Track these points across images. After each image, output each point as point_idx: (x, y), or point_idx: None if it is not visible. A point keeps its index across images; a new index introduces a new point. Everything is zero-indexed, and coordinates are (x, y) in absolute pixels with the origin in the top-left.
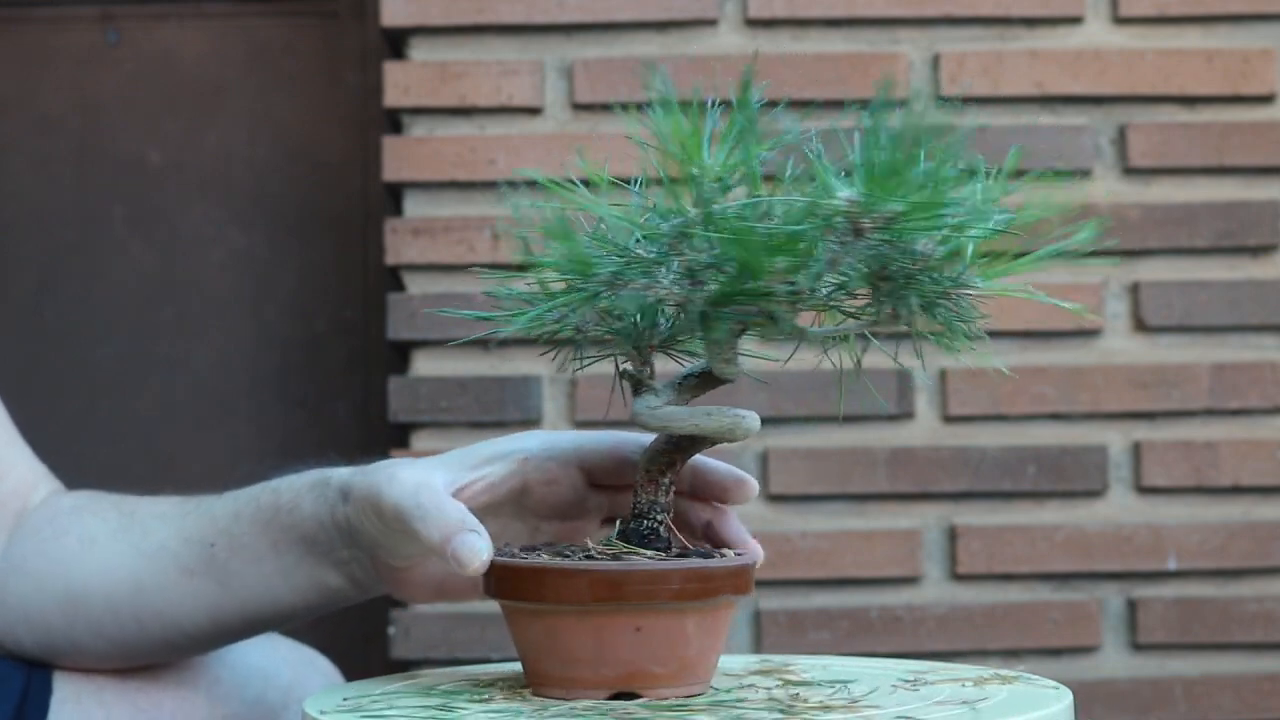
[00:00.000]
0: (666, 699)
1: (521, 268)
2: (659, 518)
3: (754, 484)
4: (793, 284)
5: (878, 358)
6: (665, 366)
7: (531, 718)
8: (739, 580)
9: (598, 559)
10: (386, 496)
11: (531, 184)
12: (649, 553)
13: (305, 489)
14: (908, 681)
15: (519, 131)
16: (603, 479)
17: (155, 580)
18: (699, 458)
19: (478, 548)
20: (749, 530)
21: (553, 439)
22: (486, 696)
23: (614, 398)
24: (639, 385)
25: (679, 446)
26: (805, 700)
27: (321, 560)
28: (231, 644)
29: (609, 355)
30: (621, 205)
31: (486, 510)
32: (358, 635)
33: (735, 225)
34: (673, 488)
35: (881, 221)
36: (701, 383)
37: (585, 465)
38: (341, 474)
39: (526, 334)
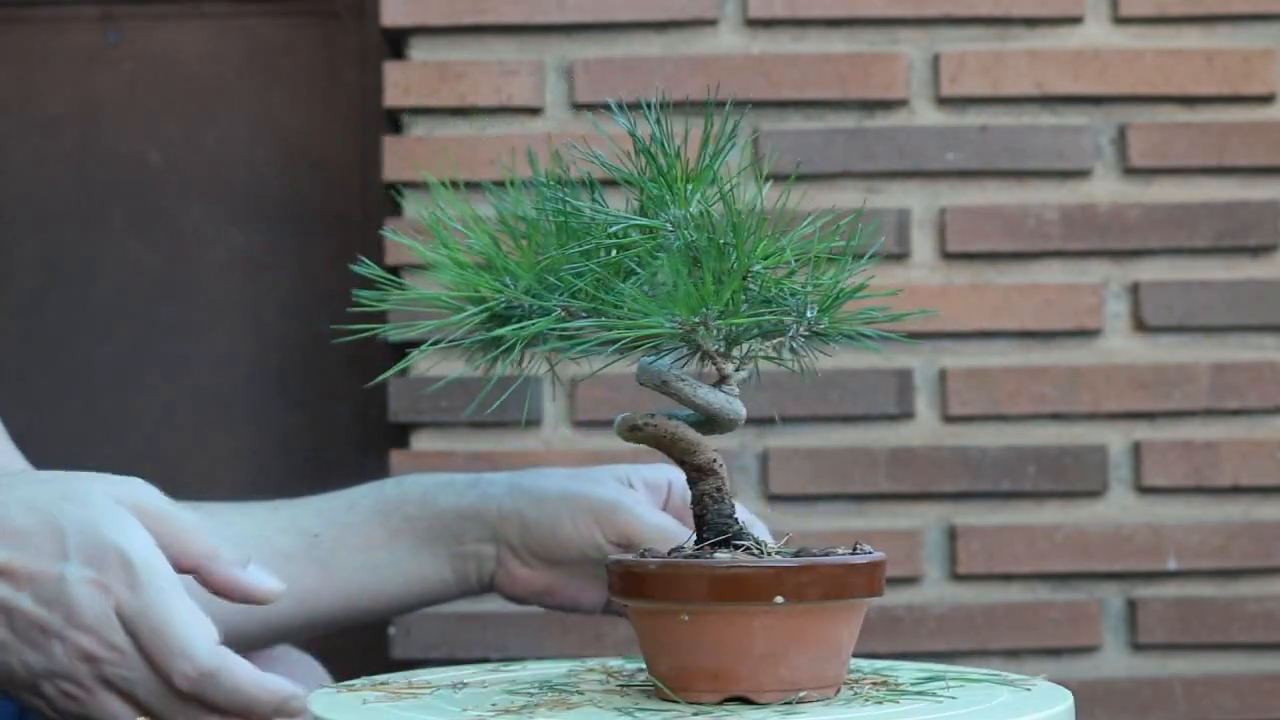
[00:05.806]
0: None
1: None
2: (733, 524)
3: None
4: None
5: (877, 358)
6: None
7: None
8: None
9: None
10: (630, 524)
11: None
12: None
13: (438, 485)
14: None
15: (519, 132)
16: None
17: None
18: None
19: None
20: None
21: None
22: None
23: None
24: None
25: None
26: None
27: (440, 551)
28: (303, 640)
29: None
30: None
31: None
32: (359, 635)
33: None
34: (719, 496)
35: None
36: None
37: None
38: (498, 476)
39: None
